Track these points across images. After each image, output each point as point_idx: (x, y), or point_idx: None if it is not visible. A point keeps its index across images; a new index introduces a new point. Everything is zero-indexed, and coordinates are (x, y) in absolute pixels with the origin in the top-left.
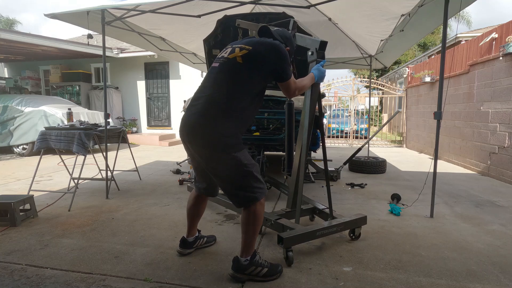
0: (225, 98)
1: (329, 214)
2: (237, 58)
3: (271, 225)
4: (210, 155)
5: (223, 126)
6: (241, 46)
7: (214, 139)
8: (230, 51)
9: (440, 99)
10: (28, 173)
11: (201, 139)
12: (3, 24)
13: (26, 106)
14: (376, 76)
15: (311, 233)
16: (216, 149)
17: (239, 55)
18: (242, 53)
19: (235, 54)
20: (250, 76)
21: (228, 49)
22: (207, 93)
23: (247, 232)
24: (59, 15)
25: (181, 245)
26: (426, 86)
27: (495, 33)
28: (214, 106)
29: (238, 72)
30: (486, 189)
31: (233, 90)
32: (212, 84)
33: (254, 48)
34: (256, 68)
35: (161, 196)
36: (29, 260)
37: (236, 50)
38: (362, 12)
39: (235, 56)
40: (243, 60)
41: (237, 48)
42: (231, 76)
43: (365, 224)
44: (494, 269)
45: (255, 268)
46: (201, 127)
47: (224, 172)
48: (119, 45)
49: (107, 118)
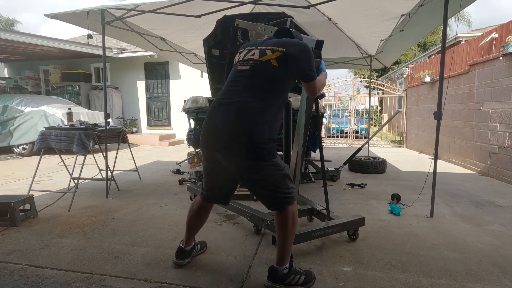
0: (261, 104)
1: (327, 215)
2: (272, 61)
3: (267, 225)
4: (251, 165)
5: (261, 133)
6: (272, 48)
7: (256, 148)
8: (260, 53)
9: (440, 99)
10: (28, 173)
11: (239, 149)
12: (3, 24)
13: (26, 106)
14: (376, 76)
15: (306, 234)
16: (257, 158)
17: (273, 58)
18: (276, 55)
19: (267, 57)
20: (285, 79)
21: (255, 51)
22: (239, 99)
23: (286, 236)
24: (59, 15)
25: (178, 256)
26: (426, 86)
27: (495, 33)
28: (250, 113)
29: (274, 75)
30: (486, 189)
31: (269, 94)
32: (243, 88)
33: (287, 49)
34: (290, 70)
35: (161, 196)
36: (29, 260)
37: (268, 53)
38: (362, 12)
39: (268, 59)
40: (278, 63)
41: (268, 50)
42: (267, 81)
43: (363, 226)
44: (494, 269)
45: (294, 276)
46: (238, 136)
47: (265, 179)
48: (119, 45)
49: (107, 118)
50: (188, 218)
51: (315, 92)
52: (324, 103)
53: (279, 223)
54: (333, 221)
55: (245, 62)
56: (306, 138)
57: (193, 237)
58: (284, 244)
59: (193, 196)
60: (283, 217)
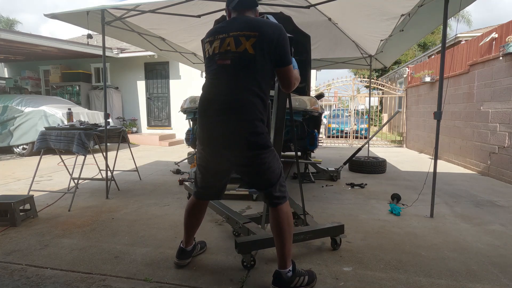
0: (253, 97)
1: (303, 220)
2: (248, 50)
3: (239, 228)
4: (255, 154)
5: (258, 125)
6: (245, 34)
7: (257, 138)
8: (235, 43)
9: (440, 99)
10: (28, 173)
11: (241, 142)
12: (3, 24)
13: (26, 106)
14: (376, 76)
15: (271, 239)
16: (260, 148)
17: (249, 46)
18: (251, 42)
19: (243, 46)
20: (264, 65)
21: (229, 40)
22: (230, 96)
23: (284, 238)
24: (59, 15)
25: (179, 256)
26: (426, 86)
27: (495, 33)
28: (245, 108)
29: (254, 64)
30: (486, 189)
31: (256, 86)
32: (230, 84)
33: (260, 32)
34: (266, 55)
35: (161, 196)
36: (29, 260)
37: (243, 40)
38: (362, 12)
39: (245, 47)
40: (254, 50)
41: (242, 37)
42: (250, 72)
43: (342, 233)
44: (494, 269)
45: (299, 278)
46: (238, 131)
47: (267, 167)
48: (119, 45)
49: (107, 118)
50: (185, 219)
51: (291, 81)
52: (324, 103)
53: (275, 225)
54: (307, 227)
55: (224, 55)
56: (281, 141)
57: (192, 237)
58: (284, 246)
59: (190, 196)
60: (278, 218)
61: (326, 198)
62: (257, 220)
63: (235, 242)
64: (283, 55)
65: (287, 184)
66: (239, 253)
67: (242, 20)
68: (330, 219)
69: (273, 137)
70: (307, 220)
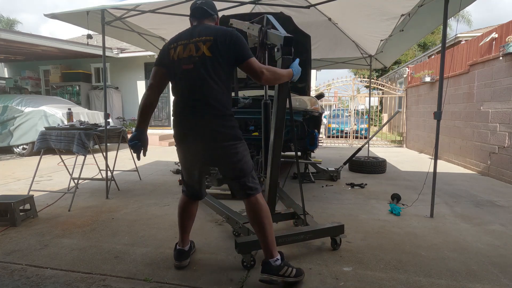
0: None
1: (303, 220)
2: (206, 53)
3: (239, 228)
4: (225, 147)
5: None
6: (203, 39)
7: (230, 132)
8: (196, 48)
9: (440, 99)
10: (28, 173)
11: (213, 137)
12: (3, 24)
13: (26, 106)
14: (376, 76)
15: None
16: (230, 139)
17: (206, 49)
18: (208, 45)
19: (201, 50)
20: (221, 65)
21: (191, 46)
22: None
23: (263, 228)
24: (59, 15)
25: (178, 258)
26: (426, 86)
27: (495, 33)
28: (214, 107)
29: (213, 65)
30: (486, 189)
31: (218, 85)
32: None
33: (215, 36)
34: (223, 55)
35: (161, 196)
36: (29, 260)
37: (201, 46)
38: (362, 12)
39: (203, 51)
40: (210, 52)
41: (200, 43)
42: (211, 73)
43: (342, 233)
44: (494, 269)
45: (287, 268)
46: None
47: (238, 158)
48: (119, 45)
49: (107, 118)
50: (178, 219)
51: (258, 72)
52: (324, 103)
53: (252, 217)
54: (307, 227)
55: (188, 60)
56: (281, 141)
57: (188, 236)
58: (265, 236)
59: None
60: (255, 210)
61: (326, 198)
62: None
63: (235, 242)
64: (240, 52)
65: (288, 184)
66: (239, 253)
67: (201, 28)
68: (330, 219)
69: (273, 137)
70: (307, 220)
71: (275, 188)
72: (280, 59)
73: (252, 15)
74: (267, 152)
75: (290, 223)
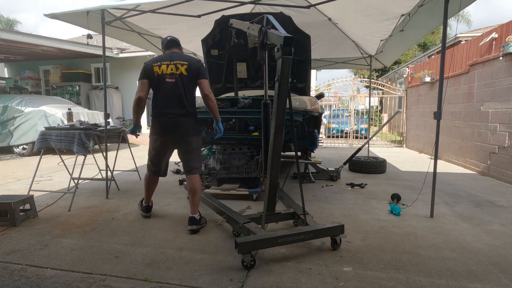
0: (189, 101)
1: (303, 220)
2: (183, 72)
3: (239, 228)
4: (190, 139)
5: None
6: (181, 63)
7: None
8: (176, 67)
9: (440, 99)
10: (28, 173)
11: (184, 132)
12: (3, 24)
13: (26, 106)
14: (376, 76)
15: (272, 239)
16: (192, 133)
17: (183, 69)
18: (185, 67)
19: (180, 69)
20: (192, 81)
21: (172, 66)
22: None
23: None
24: (59, 15)
25: (145, 210)
26: (426, 86)
27: (495, 33)
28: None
29: (188, 80)
30: (486, 189)
31: (191, 94)
32: (176, 96)
33: (189, 62)
34: (193, 75)
35: (161, 196)
36: (29, 260)
37: (179, 67)
38: (362, 12)
39: (181, 71)
40: (186, 72)
41: (179, 65)
42: (187, 85)
43: (342, 233)
44: (494, 269)
45: (202, 220)
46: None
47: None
48: (119, 45)
49: (107, 118)
50: (146, 185)
51: (206, 90)
52: (324, 103)
53: (191, 188)
54: (308, 227)
55: (170, 75)
56: (280, 141)
57: (150, 198)
58: (195, 200)
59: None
60: (194, 182)
61: (326, 198)
62: (257, 220)
63: (235, 242)
64: (201, 74)
65: (288, 183)
66: (239, 253)
67: (178, 54)
68: (330, 219)
69: (273, 137)
70: (307, 220)
71: (275, 188)
72: (280, 59)
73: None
74: (267, 152)
75: (290, 223)
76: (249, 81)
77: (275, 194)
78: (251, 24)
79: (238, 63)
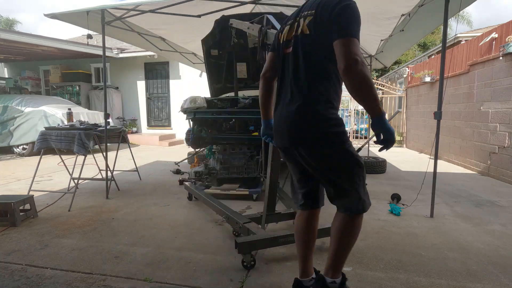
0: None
1: None
2: (304, 30)
3: (239, 228)
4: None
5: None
6: (305, 15)
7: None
8: (297, 26)
9: (440, 99)
10: (28, 173)
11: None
12: (3, 24)
13: (26, 106)
14: (376, 76)
15: (272, 239)
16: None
17: (304, 25)
18: (308, 20)
19: (301, 27)
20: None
21: (295, 25)
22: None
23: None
24: (59, 15)
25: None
26: (426, 86)
27: (495, 33)
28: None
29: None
30: (486, 189)
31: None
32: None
33: (317, 10)
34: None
35: (161, 196)
36: (29, 260)
37: (301, 22)
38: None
39: (301, 29)
40: (309, 29)
41: (301, 19)
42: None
43: None
44: (494, 269)
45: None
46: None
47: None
48: (119, 45)
49: (107, 118)
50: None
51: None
52: None
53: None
54: None
55: (288, 42)
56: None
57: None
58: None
59: (189, 196)
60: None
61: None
62: (257, 220)
63: (235, 242)
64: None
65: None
66: (239, 253)
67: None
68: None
69: None
70: None
71: (275, 188)
72: None
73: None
74: (267, 152)
75: (290, 223)
76: (249, 81)
77: (275, 194)
78: (251, 24)
79: (238, 63)
